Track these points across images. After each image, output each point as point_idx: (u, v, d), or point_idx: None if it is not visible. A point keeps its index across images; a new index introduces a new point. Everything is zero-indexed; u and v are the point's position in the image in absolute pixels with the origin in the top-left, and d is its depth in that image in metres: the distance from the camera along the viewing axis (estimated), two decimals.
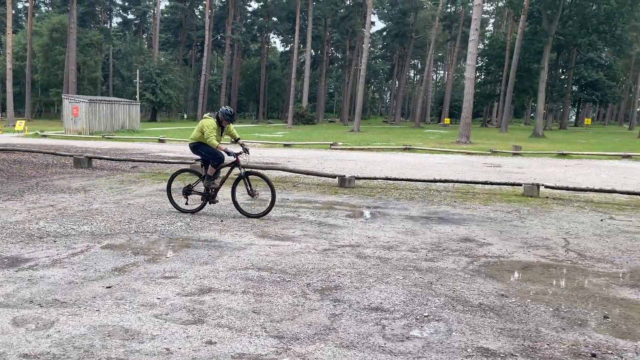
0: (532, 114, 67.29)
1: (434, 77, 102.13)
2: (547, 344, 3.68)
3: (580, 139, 35.42)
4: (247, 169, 8.10)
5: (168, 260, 5.51)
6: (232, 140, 8.02)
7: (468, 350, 3.57)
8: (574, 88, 58.67)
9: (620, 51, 53.18)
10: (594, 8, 39.65)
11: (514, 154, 20.99)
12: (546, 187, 10.55)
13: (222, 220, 7.54)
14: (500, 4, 63.57)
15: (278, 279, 4.96)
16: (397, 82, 79.68)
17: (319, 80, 71.05)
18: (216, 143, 7.52)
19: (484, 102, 61.26)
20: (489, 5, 69.52)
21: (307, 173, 12.31)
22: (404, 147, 23.05)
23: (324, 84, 71.65)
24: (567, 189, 10.44)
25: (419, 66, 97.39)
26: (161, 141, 24.87)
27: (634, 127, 57.31)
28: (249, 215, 7.73)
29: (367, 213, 8.50)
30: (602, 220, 8.23)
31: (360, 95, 42.37)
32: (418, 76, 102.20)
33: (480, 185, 11.42)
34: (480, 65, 55.90)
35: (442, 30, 71.49)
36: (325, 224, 7.53)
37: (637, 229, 7.59)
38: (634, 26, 53.35)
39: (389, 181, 11.80)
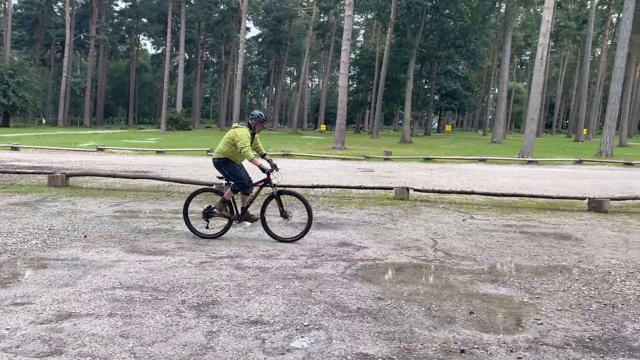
0: (400, 121, 71.59)
1: (310, 85, 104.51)
2: (421, 344, 3.81)
3: (442, 145, 38.34)
4: (279, 188, 7.15)
5: (20, 284, 4.89)
6: (258, 155, 7.14)
7: (348, 357, 3.57)
8: (436, 97, 63.46)
9: (474, 64, 58.60)
10: (451, 24, 43.28)
11: (385, 159, 22.08)
12: (415, 190, 11.17)
13: (85, 236, 6.91)
14: (369, 16, 66.86)
15: (150, 298, 4.62)
16: (274, 89, 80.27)
17: (194, 84, 69.20)
18: (251, 155, 6.67)
19: (356, 110, 63.89)
20: (359, 17, 72.80)
21: (183, 182, 11.81)
22: (283, 153, 23.19)
23: (199, 88, 69.89)
24: (433, 191, 11.15)
25: (295, 73, 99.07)
26: (14, 149, 22.46)
27: (487, 133, 63.42)
28: (281, 240, 6.87)
29: (247, 222, 8.31)
30: (464, 220, 8.88)
31: (237, 100, 41.97)
32: (294, 83, 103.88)
33: (356, 189, 11.78)
34: (352, 74, 58.31)
35: (316, 39, 73.46)
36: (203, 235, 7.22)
37: (493, 227, 8.29)
38: (485, 42, 59.04)
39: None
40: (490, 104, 72.32)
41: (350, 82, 57.23)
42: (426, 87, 60.86)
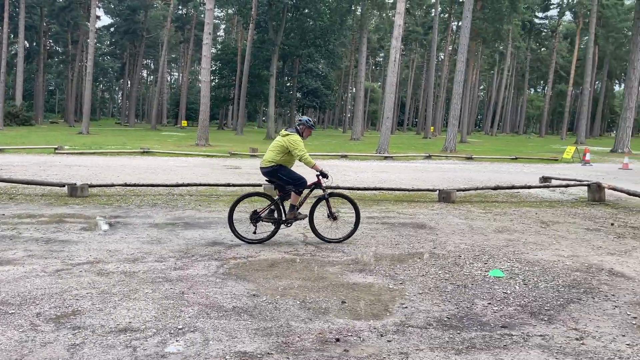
0: (264, 118, 71.95)
1: (169, 79, 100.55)
2: (298, 337, 3.89)
3: (306, 141, 39.28)
4: (330, 190, 7.25)
5: None
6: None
7: (227, 357, 3.52)
8: (298, 95, 64.82)
9: (333, 64, 60.90)
10: (311, 23, 44.48)
11: (252, 156, 22.07)
12: None
13: None
14: (230, 10, 66.10)
15: None
16: (129, 82, 75.70)
17: (36, 75, 62.67)
18: (313, 162, 6.72)
19: (219, 105, 62.92)
20: (220, 11, 71.62)
21: (28, 182, 10.68)
22: (142, 150, 22.03)
23: (42, 80, 63.44)
24: None
25: (152, 66, 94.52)
26: None
27: (347, 130, 66.33)
28: (329, 241, 6.93)
29: (104, 224, 7.77)
30: None
31: (87, 94, 38.89)
32: (152, 76, 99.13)
33: (223, 187, 11.62)
34: (214, 69, 57.26)
35: (174, 32, 70.78)
36: (56, 240, 6.60)
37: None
38: (343, 42, 61.67)
39: (128, 187, 11.06)
40: (349, 103, 75.74)
41: (212, 77, 56.12)
42: (289, 84, 61.85)
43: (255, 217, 6.79)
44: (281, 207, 6.89)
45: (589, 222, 8.97)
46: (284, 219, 6.87)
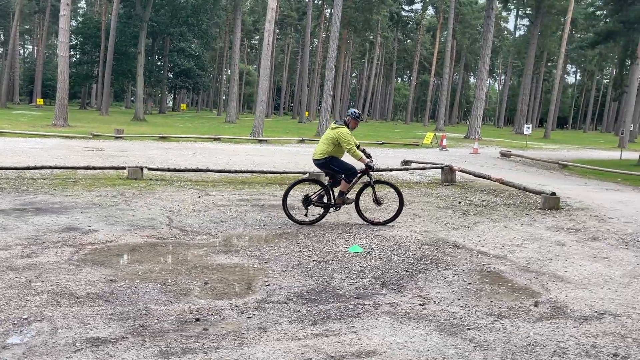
0: (132, 98, 67.99)
1: (22, 52, 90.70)
2: (157, 319, 3.83)
3: (178, 123, 37.94)
4: (376, 178, 7.80)
5: None
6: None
7: (77, 344, 3.37)
8: (170, 75, 62.16)
9: (206, 44, 59.25)
10: (182, 1, 42.73)
11: (117, 137, 20.84)
12: (150, 169, 10.90)
13: None
14: None
15: None
16: None
17: None
18: (360, 154, 7.12)
19: (81, 83, 58.16)
20: None
21: None
22: None
23: None
24: (169, 170, 11.06)
25: (2, 38, 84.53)
26: None
27: (222, 113, 65.16)
28: (373, 223, 7.42)
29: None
30: (199, 197, 9.08)
31: None
32: (1, 49, 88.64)
33: (83, 170, 10.89)
34: (75, 43, 52.78)
35: (28, 1, 63.90)
36: None
37: (227, 202, 8.69)
38: (217, 23, 60.14)
39: None
40: (224, 85, 74.37)
41: (73, 53, 51.74)
42: (159, 63, 59.01)
43: (307, 201, 7.30)
44: (331, 192, 7.35)
45: (441, 201, 9.85)
46: (332, 203, 7.35)
